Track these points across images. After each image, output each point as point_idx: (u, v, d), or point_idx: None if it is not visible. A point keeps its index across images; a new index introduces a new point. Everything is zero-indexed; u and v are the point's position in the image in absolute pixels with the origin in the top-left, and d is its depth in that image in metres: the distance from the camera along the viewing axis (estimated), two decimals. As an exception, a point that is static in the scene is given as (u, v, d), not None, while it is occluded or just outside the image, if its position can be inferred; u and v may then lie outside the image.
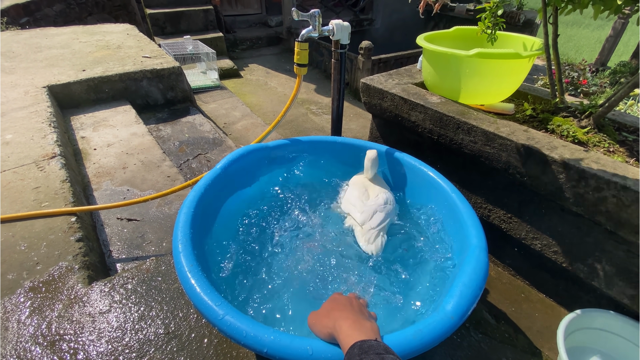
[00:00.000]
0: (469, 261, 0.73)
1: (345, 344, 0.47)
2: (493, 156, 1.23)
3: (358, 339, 0.46)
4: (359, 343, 0.45)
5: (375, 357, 0.41)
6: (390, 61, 3.90)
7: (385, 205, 1.02)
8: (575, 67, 4.00)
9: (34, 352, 0.81)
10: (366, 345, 0.44)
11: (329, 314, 0.57)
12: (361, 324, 0.50)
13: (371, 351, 0.42)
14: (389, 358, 0.41)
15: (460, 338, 0.93)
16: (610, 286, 1.14)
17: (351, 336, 0.47)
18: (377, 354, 0.42)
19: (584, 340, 1.21)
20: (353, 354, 0.44)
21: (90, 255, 1.10)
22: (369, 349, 0.43)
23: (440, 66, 1.37)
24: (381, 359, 0.40)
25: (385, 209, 1.01)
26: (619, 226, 1.01)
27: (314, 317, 0.60)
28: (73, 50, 2.61)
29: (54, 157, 1.46)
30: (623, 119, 1.35)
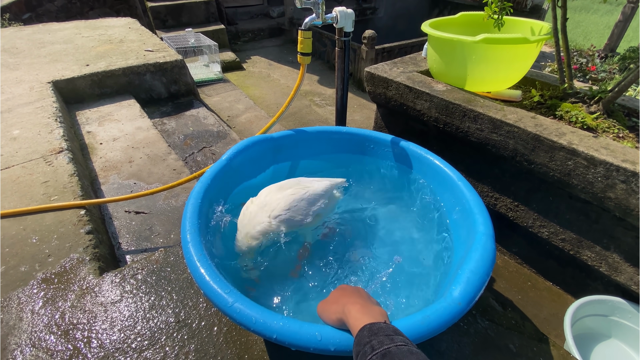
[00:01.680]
0: (476, 248, 0.73)
1: (354, 328, 0.48)
2: (500, 144, 1.21)
3: (367, 322, 0.46)
4: (368, 325, 0.45)
5: (384, 338, 0.41)
6: (394, 50, 3.84)
7: None
8: (583, 53, 3.91)
9: (49, 341, 0.83)
10: (375, 327, 0.44)
11: (338, 300, 0.57)
12: (370, 308, 0.51)
13: (380, 333, 0.43)
14: (398, 339, 0.41)
15: (467, 325, 0.93)
16: (619, 273, 1.13)
17: (360, 320, 0.47)
18: (387, 335, 0.42)
19: (592, 327, 1.22)
20: (363, 335, 0.44)
21: (101, 248, 1.12)
22: (379, 330, 0.43)
23: (446, 53, 1.35)
24: (390, 340, 0.41)
25: None
26: (628, 213, 1.00)
27: (323, 305, 0.61)
28: (76, 45, 2.61)
29: (61, 152, 1.48)
30: (633, 104, 1.33)
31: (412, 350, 0.40)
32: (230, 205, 1.03)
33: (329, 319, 0.58)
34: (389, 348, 0.40)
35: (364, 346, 0.42)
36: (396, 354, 0.39)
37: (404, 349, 0.39)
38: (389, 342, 0.41)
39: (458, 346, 0.87)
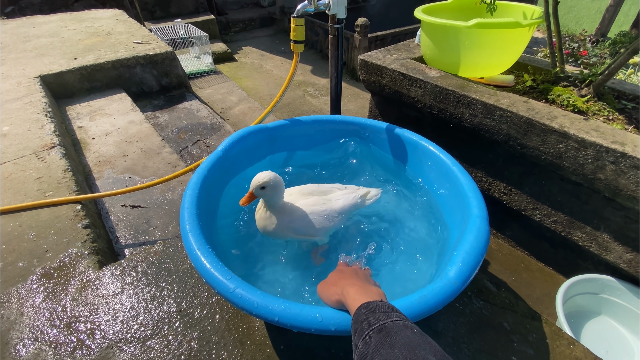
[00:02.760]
0: (470, 230, 0.75)
1: (352, 307, 0.49)
2: (493, 129, 1.23)
3: (365, 301, 0.48)
4: (365, 304, 0.47)
5: (381, 314, 0.43)
6: (388, 38, 3.82)
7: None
8: (575, 38, 3.92)
9: (52, 334, 0.84)
10: (372, 305, 0.46)
11: (337, 282, 0.59)
12: (367, 289, 0.52)
13: (377, 310, 0.44)
14: (394, 315, 0.43)
15: (463, 305, 0.96)
16: (608, 252, 1.17)
17: (358, 300, 0.49)
18: (383, 312, 0.44)
19: (583, 304, 1.26)
20: (360, 313, 0.46)
21: (99, 242, 1.12)
22: (375, 308, 0.45)
23: (439, 39, 1.35)
24: (387, 316, 0.43)
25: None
26: (617, 193, 1.03)
27: (323, 286, 0.63)
28: (62, 39, 2.54)
29: (53, 147, 1.46)
30: (623, 87, 1.35)
31: (407, 324, 0.41)
32: (227, 195, 1.03)
33: (328, 300, 0.59)
34: (385, 323, 0.41)
35: (361, 323, 0.44)
36: (392, 328, 0.40)
37: (399, 324, 0.41)
38: (385, 318, 0.42)
39: (454, 326, 0.90)
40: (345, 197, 0.96)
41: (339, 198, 0.95)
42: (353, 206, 0.95)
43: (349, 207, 0.94)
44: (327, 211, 0.91)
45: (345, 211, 0.94)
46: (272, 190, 0.85)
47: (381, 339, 0.39)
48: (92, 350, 0.81)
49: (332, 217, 0.91)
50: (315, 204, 0.92)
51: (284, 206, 0.90)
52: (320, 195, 0.95)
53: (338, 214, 0.92)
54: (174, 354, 0.81)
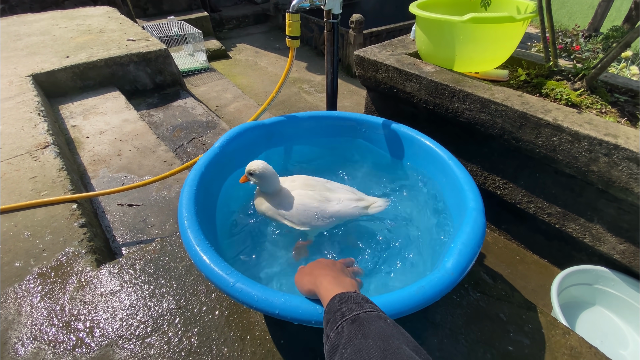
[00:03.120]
0: (467, 222, 0.76)
1: (325, 298, 0.49)
2: (488, 123, 1.24)
3: (338, 291, 0.48)
4: (339, 295, 0.46)
5: (354, 305, 0.43)
6: (382, 34, 3.82)
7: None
8: (568, 33, 3.94)
9: (50, 333, 0.84)
10: (346, 296, 0.46)
11: (311, 271, 0.59)
12: (341, 280, 0.52)
13: (351, 301, 0.44)
14: (367, 306, 0.43)
15: (460, 297, 0.97)
16: (602, 243, 1.19)
17: (331, 290, 0.49)
18: (356, 303, 0.44)
19: (577, 295, 1.28)
20: (333, 304, 0.45)
21: (95, 240, 1.12)
22: (349, 299, 0.45)
23: (434, 34, 1.36)
24: (360, 307, 0.42)
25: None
26: (610, 185, 1.05)
27: (299, 275, 0.63)
28: (54, 37, 2.51)
29: (47, 147, 1.45)
30: (615, 80, 1.36)
31: (381, 315, 0.41)
32: (225, 192, 1.03)
33: (302, 288, 0.60)
34: (359, 314, 0.41)
35: (334, 314, 0.44)
36: (365, 319, 0.40)
37: (373, 315, 0.41)
38: (359, 308, 0.42)
39: (452, 317, 0.91)
40: (345, 203, 0.94)
41: (337, 202, 0.94)
42: (349, 215, 0.94)
43: (343, 214, 0.93)
44: (319, 210, 0.91)
45: (338, 217, 0.93)
46: (259, 179, 0.91)
47: (354, 329, 0.39)
48: (91, 348, 0.81)
49: (321, 217, 0.91)
50: (311, 198, 0.92)
51: (280, 191, 0.94)
52: (323, 191, 0.95)
53: (329, 217, 0.92)
54: (174, 350, 0.81)
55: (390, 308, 0.58)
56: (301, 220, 0.91)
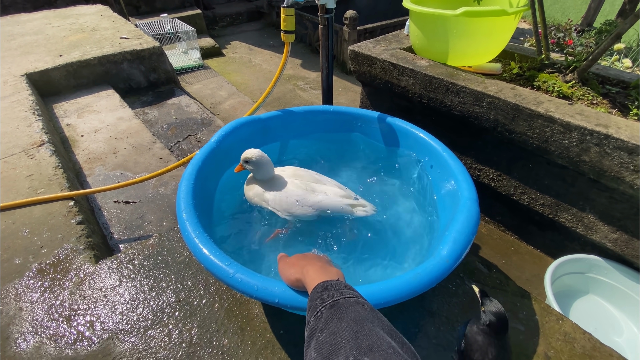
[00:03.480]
0: (461, 211, 0.77)
1: (310, 286, 0.50)
2: (482, 116, 1.25)
3: (322, 280, 0.49)
4: (321, 283, 0.47)
5: (335, 292, 0.44)
6: (377, 31, 3.82)
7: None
8: (561, 27, 3.97)
9: (51, 328, 0.84)
10: (328, 283, 0.47)
11: (297, 262, 0.60)
12: (326, 269, 0.53)
13: (332, 288, 0.45)
14: (348, 293, 0.44)
15: (456, 287, 0.99)
16: (594, 232, 1.21)
17: (316, 279, 0.49)
18: (337, 290, 0.44)
19: (571, 284, 1.30)
20: (315, 291, 0.46)
21: (93, 237, 1.12)
22: (330, 286, 0.46)
23: (428, 28, 1.37)
24: (340, 293, 0.43)
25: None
26: (601, 174, 1.07)
27: (283, 265, 0.62)
28: (47, 36, 2.49)
29: (42, 145, 1.44)
30: (607, 72, 1.38)
31: (359, 301, 0.42)
32: (223, 186, 1.04)
33: (287, 279, 0.60)
34: (338, 300, 0.42)
35: (315, 300, 0.44)
36: (343, 304, 0.41)
37: (352, 300, 0.42)
38: (339, 294, 0.43)
39: (448, 306, 0.93)
40: (330, 197, 0.95)
41: (322, 193, 0.95)
42: (331, 207, 0.94)
43: (325, 205, 0.94)
44: (301, 198, 0.93)
45: (319, 207, 0.94)
46: (255, 165, 0.95)
47: (332, 314, 0.40)
48: (92, 341, 0.82)
49: (303, 204, 0.93)
50: (295, 186, 0.96)
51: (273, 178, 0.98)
52: (311, 181, 0.98)
53: (310, 206, 0.93)
54: (175, 342, 0.82)
55: (388, 294, 0.60)
56: (283, 206, 0.93)
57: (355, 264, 0.93)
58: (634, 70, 2.70)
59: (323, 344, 0.36)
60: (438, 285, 0.93)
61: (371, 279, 0.88)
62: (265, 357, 0.80)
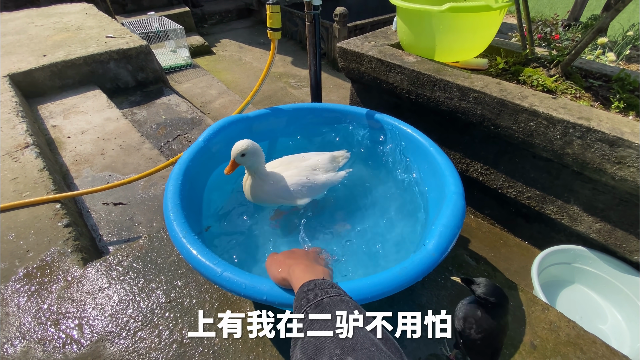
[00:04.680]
0: (447, 205, 0.78)
1: (296, 286, 0.50)
2: (468, 110, 1.27)
3: (308, 279, 0.49)
4: (307, 282, 0.48)
5: (319, 291, 0.44)
6: (367, 27, 3.82)
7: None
8: (547, 22, 4.02)
9: (39, 332, 0.83)
10: (313, 283, 0.47)
11: (284, 261, 0.60)
12: (313, 268, 0.53)
13: (317, 287, 0.46)
14: (332, 291, 0.44)
15: (444, 280, 1.00)
16: (579, 223, 1.24)
17: (302, 278, 0.50)
18: (322, 289, 0.45)
19: (557, 274, 1.33)
20: (301, 291, 0.47)
21: (81, 240, 1.11)
22: (316, 286, 0.46)
23: (414, 24, 1.37)
24: (325, 292, 0.44)
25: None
26: (584, 166, 1.09)
27: (271, 263, 0.63)
28: (30, 35, 2.44)
29: (27, 147, 1.42)
30: (590, 66, 1.41)
31: (344, 299, 0.43)
32: (211, 185, 1.04)
33: (274, 277, 0.60)
34: (322, 299, 0.43)
35: (300, 300, 0.45)
36: (328, 303, 0.41)
37: (336, 299, 0.42)
38: (323, 294, 0.44)
39: (437, 299, 0.94)
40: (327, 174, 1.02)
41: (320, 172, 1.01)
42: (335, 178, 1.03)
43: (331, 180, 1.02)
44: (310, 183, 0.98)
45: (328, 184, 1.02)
46: (253, 156, 0.91)
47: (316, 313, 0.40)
48: (82, 345, 0.81)
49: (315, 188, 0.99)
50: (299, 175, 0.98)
51: (269, 175, 0.96)
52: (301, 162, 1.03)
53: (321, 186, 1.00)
54: (166, 343, 0.82)
55: (375, 288, 0.61)
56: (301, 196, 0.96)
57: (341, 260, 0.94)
58: (617, 63, 2.75)
59: (308, 345, 0.36)
60: (427, 278, 0.95)
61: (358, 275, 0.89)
62: (256, 354, 0.80)
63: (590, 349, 0.88)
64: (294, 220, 1.03)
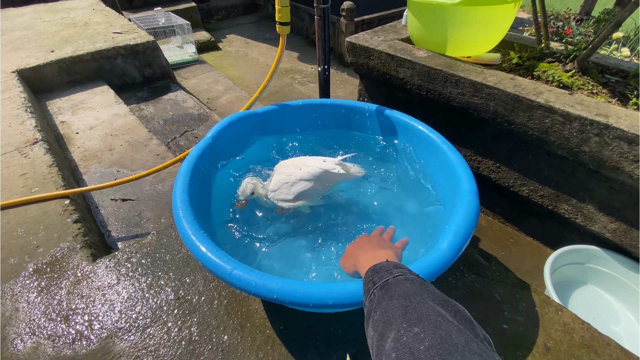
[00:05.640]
0: (461, 204, 0.76)
1: (362, 273, 0.53)
2: (481, 107, 1.24)
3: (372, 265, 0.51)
4: (372, 267, 0.50)
5: (384, 273, 0.46)
6: (374, 22, 3.77)
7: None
8: (560, 16, 3.93)
9: (49, 327, 0.84)
10: (378, 266, 0.49)
11: (352, 254, 0.63)
12: (376, 254, 0.56)
13: (382, 270, 0.48)
14: (397, 272, 0.46)
15: (455, 280, 0.98)
16: (593, 222, 1.21)
17: (366, 265, 0.52)
18: (387, 271, 0.47)
19: (570, 274, 1.31)
20: (367, 276, 0.49)
21: (90, 235, 1.11)
22: (380, 269, 0.48)
23: (426, 18, 1.34)
24: (390, 274, 0.46)
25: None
26: (601, 164, 1.06)
27: (342, 261, 0.66)
28: (38, 31, 2.44)
29: (36, 143, 1.42)
30: (607, 61, 1.37)
31: (409, 277, 0.44)
32: (219, 181, 1.03)
33: (347, 271, 0.63)
34: (387, 280, 0.44)
35: (367, 284, 0.47)
36: (392, 283, 0.43)
37: (400, 278, 0.44)
38: (388, 275, 0.45)
39: (448, 299, 0.93)
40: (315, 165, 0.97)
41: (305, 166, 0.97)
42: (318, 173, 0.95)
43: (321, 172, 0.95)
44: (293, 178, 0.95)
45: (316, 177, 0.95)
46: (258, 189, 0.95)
47: (383, 294, 0.42)
48: (91, 341, 0.81)
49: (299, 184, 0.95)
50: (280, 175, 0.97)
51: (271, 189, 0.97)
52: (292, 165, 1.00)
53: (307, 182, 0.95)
54: (174, 340, 0.81)
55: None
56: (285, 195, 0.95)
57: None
58: (632, 59, 2.68)
59: (378, 322, 0.39)
60: (438, 278, 0.93)
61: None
62: (265, 353, 0.80)
63: (604, 352, 0.86)
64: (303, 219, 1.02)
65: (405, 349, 0.33)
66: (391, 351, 0.34)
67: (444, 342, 0.32)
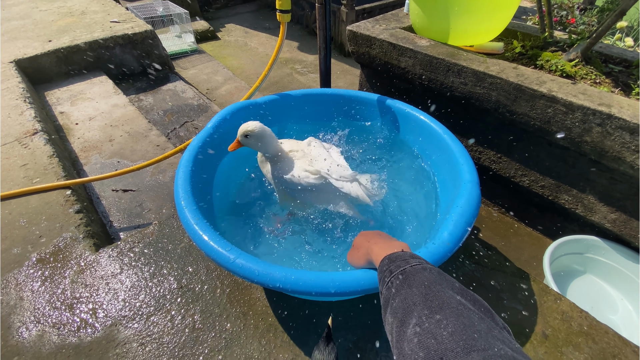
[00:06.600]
0: (462, 194, 0.77)
1: (377, 261, 0.53)
2: (483, 96, 1.23)
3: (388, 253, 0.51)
4: (387, 256, 0.50)
5: (401, 262, 0.47)
6: (375, 10, 3.72)
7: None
8: (563, 5, 3.88)
9: (54, 316, 0.85)
10: (394, 255, 0.49)
11: (362, 244, 0.62)
12: (390, 244, 0.56)
13: (398, 259, 0.48)
14: (414, 261, 0.46)
15: (455, 269, 0.99)
16: (593, 213, 1.21)
17: (381, 254, 0.52)
18: (403, 260, 0.47)
19: (569, 264, 1.32)
20: (383, 264, 0.49)
21: (92, 226, 1.12)
22: (397, 258, 0.48)
23: (428, 6, 1.32)
24: (407, 263, 0.46)
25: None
26: (603, 155, 1.05)
27: (351, 254, 0.66)
28: (34, 20, 2.41)
29: (36, 134, 1.42)
30: (610, 51, 1.35)
31: (426, 267, 0.44)
32: (221, 171, 1.03)
33: (358, 263, 0.62)
34: (405, 269, 0.45)
35: (383, 272, 0.47)
36: (410, 272, 0.44)
37: (418, 267, 0.44)
38: (405, 264, 0.46)
39: (448, 288, 0.94)
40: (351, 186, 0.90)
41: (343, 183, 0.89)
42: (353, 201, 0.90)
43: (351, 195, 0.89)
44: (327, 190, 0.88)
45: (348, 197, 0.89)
46: (256, 139, 0.87)
47: (401, 282, 0.43)
48: (96, 328, 0.82)
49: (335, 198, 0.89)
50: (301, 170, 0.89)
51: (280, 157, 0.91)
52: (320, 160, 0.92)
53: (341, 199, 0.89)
54: (178, 327, 0.82)
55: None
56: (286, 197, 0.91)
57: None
58: (635, 48, 2.65)
59: (397, 309, 0.39)
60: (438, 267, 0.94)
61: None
62: (267, 340, 0.81)
63: (602, 339, 0.88)
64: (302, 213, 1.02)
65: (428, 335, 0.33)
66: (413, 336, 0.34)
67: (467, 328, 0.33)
